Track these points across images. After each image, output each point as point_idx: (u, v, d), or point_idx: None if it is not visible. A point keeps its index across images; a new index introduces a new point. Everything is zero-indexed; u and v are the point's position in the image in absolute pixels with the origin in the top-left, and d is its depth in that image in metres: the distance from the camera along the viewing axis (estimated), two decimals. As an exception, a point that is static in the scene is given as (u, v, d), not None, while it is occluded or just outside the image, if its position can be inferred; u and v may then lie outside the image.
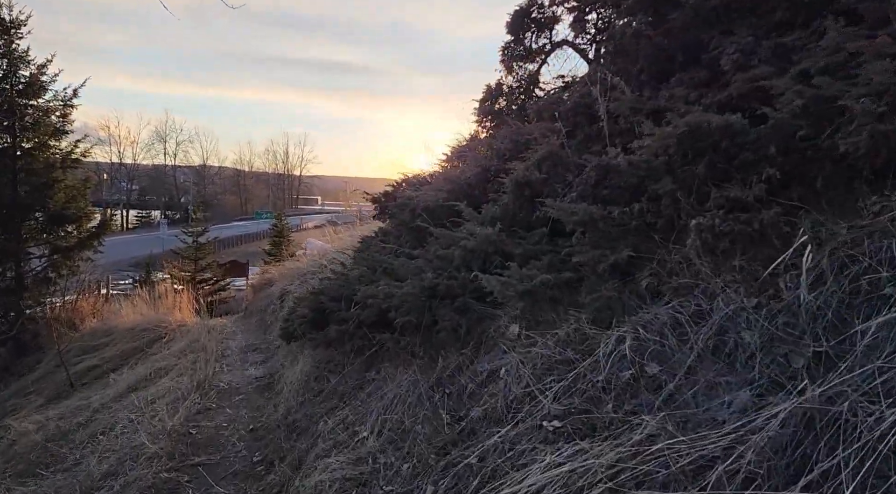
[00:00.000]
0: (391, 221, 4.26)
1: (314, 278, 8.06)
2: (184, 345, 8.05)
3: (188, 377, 6.17)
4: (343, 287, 3.86)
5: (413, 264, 3.43)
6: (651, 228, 2.47)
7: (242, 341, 7.91)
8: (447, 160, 5.68)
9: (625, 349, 2.14)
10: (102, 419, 6.53)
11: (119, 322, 12.08)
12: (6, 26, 13.96)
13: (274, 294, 9.08)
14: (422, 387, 2.90)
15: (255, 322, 8.88)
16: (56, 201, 14.28)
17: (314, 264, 8.86)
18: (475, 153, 4.10)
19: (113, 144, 73.11)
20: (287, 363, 5.58)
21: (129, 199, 73.62)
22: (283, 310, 7.96)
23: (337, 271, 4.79)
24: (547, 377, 2.31)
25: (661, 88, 3.09)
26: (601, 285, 2.46)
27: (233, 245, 53.92)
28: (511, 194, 3.22)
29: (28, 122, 14.25)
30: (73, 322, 14.44)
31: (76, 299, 15.61)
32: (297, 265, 9.49)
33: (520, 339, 2.67)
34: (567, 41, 5.17)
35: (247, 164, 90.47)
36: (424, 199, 3.91)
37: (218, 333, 8.54)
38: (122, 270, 40.92)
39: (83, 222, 15.08)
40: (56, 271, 15.01)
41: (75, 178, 15.53)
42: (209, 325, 9.20)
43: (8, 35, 14.01)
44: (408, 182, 5.20)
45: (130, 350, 10.28)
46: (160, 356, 8.46)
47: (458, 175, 3.91)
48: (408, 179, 5.35)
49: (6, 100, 13.99)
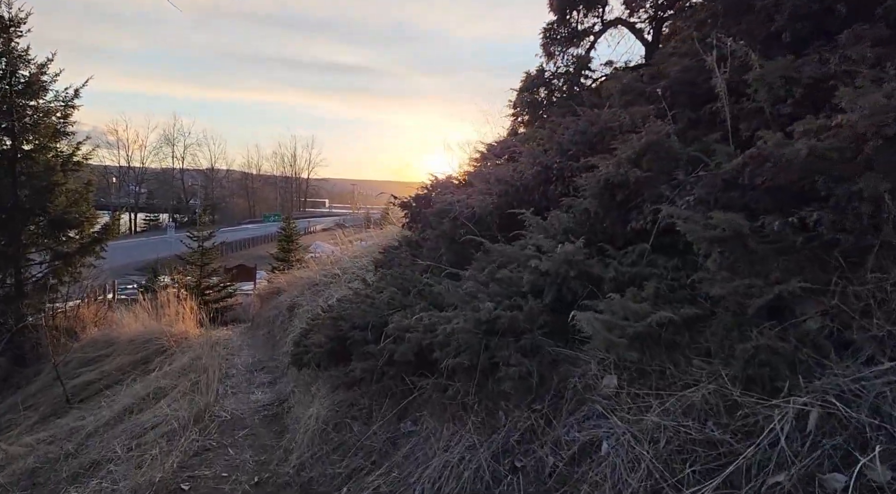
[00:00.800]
0: (430, 231, 3.52)
1: (326, 289, 7.35)
2: (185, 362, 7.36)
3: (187, 403, 5.47)
4: (368, 312, 3.13)
5: (462, 289, 2.69)
6: (828, 247, 1.72)
7: (248, 357, 7.20)
8: (481, 159, 4.94)
9: (818, 435, 1.39)
10: (92, 450, 5.84)
11: (120, 333, 11.45)
12: (5, 24, 13.38)
13: (282, 305, 8.37)
14: (481, 456, 2.16)
15: (263, 336, 8.18)
16: (57, 204, 13.66)
17: (326, 273, 8.14)
18: (528, 149, 3.39)
19: (121, 148, 73.09)
20: (298, 391, 4.86)
21: (137, 202, 73.47)
22: (293, 324, 7.26)
23: (359, 290, 4.06)
24: (682, 465, 1.57)
25: (810, 52, 2.34)
26: (749, 329, 1.72)
27: (241, 248, 53.51)
28: (594, 198, 2.48)
29: (28, 123, 13.66)
30: (74, 331, 13.86)
31: (78, 306, 15.02)
32: (306, 274, 8.78)
33: (620, 396, 1.93)
34: (621, 20, 4.43)
35: (254, 167, 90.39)
36: (469, 204, 3.17)
37: (222, 348, 7.85)
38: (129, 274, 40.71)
39: (85, 227, 14.47)
40: (57, 277, 14.40)
41: (78, 181, 14.94)
42: (213, 339, 8.51)
43: (7, 33, 13.42)
44: (439, 185, 4.44)
45: (130, 364, 9.64)
46: (160, 373, 7.78)
47: (509, 176, 3.16)
48: (439, 182, 4.59)
49: (5, 100, 13.40)
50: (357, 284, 6.03)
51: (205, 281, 15.46)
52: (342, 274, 7.69)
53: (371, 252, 8.22)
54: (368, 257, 7.96)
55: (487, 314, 2.34)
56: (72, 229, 14.18)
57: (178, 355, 8.11)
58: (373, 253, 8.03)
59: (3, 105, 13.43)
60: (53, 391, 10.23)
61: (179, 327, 9.99)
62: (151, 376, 7.64)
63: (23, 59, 13.70)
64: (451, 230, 3.21)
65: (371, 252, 8.22)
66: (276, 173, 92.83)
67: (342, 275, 7.65)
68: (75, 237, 14.38)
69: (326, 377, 3.49)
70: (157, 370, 8.08)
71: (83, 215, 14.39)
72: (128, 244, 57.20)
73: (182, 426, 4.77)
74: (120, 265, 43.14)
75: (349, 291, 5.66)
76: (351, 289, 4.92)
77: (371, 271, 6.90)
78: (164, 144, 78.60)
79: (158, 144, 77.98)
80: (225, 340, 8.49)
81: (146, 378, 7.80)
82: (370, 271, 6.98)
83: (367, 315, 3.10)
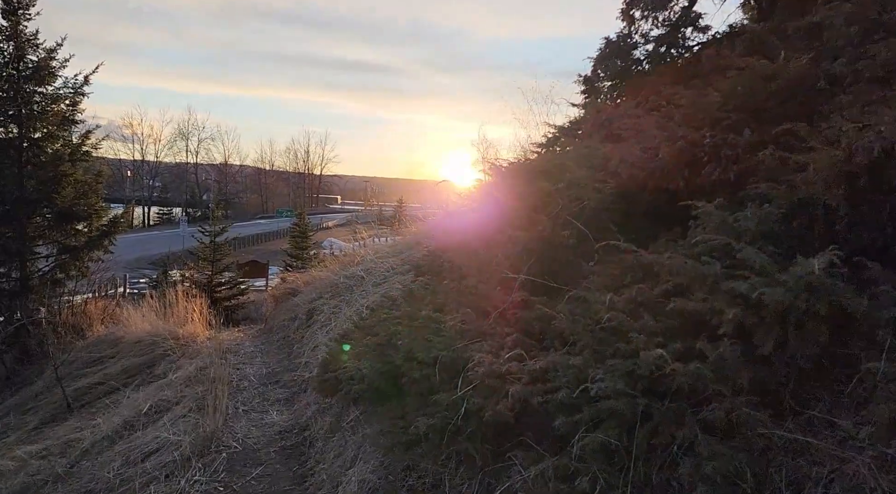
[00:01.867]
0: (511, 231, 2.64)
1: (349, 293, 6.54)
2: (193, 370, 6.60)
3: (191, 426, 4.69)
4: (434, 343, 2.28)
5: (591, 318, 1.83)
6: None
7: (262, 366, 6.43)
8: (546, 145, 4.08)
9: None
10: (84, 474, 5.11)
11: (126, 332, 10.75)
12: (13, 6, 12.74)
13: (299, 309, 7.58)
14: None
15: (277, 343, 7.40)
16: (64, 196, 13.01)
17: (348, 273, 7.34)
18: (653, 121, 2.56)
19: (135, 142, 72.97)
20: (322, 418, 4.06)
21: (150, 196, 73.43)
22: (312, 332, 6.46)
23: (395, 301, 3.23)
24: None
25: None
26: None
27: (253, 243, 53.12)
28: (831, 184, 1.60)
29: (35, 110, 13.01)
30: (81, 328, 13.25)
31: (85, 302, 14.40)
32: (324, 274, 7.98)
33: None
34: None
35: (267, 162, 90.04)
36: (573, 196, 2.31)
37: (233, 355, 7.09)
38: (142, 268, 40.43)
39: (94, 220, 13.81)
40: (64, 271, 13.78)
41: (87, 172, 14.30)
42: (223, 344, 7.76)
43: (14, 16, 12.78)
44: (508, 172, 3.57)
45: (136, 367, 8.93)
46: (165, 381, 7.03)
47: (635, 157, 2.28)
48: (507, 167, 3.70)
49: (12, 86, 12.78)
50: (388, 289, 5.21)
51: (216, 278, 14.74)
52: (366, 276, 6.87)
53: (398, 252, 7.38)
54: (396, 257, 7.13)
55: (652, 365, 1.49)
56: (80, 221, 13.54)
57: (185, 360, 7.35)
58: (400, 253, 7.19)
59: (10, 91, 12.81)
60: (56, 394, 9.59)
61: (188, 328, 9.25)
62: (154, 385, 6.90)
63: (31, 43, 13.05)
64: (549, 231, 2.35)
65: (398, 252, 7.38)
66: (290, 169, 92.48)
67: (366, 277, 6.83)
68: (83, 230, 13.75)
69: (368, 414, 2.67)
70: (163, 376, 7.34)
71: (92, 208, 13.74)
72: (141, 238, 57.22)
73: (184, 459, 3.98)
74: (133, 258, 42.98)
75: (380, 298, 4.84)
76: (386, 297, 4.10)
77: (401, 273, 6.07)
78: (179, 137, 78.43)
79: (173, 137, 77.65)
80: (236, 345, 7.73)
81: (149, 387, 7.06)
82: (399, 274, 6.15)
83: (431, 346, 2.25)
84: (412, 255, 6.17)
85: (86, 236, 13.67)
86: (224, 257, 15.00)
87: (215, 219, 16.22)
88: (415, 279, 3.77)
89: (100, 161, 15.27)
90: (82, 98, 13.58)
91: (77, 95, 13.52)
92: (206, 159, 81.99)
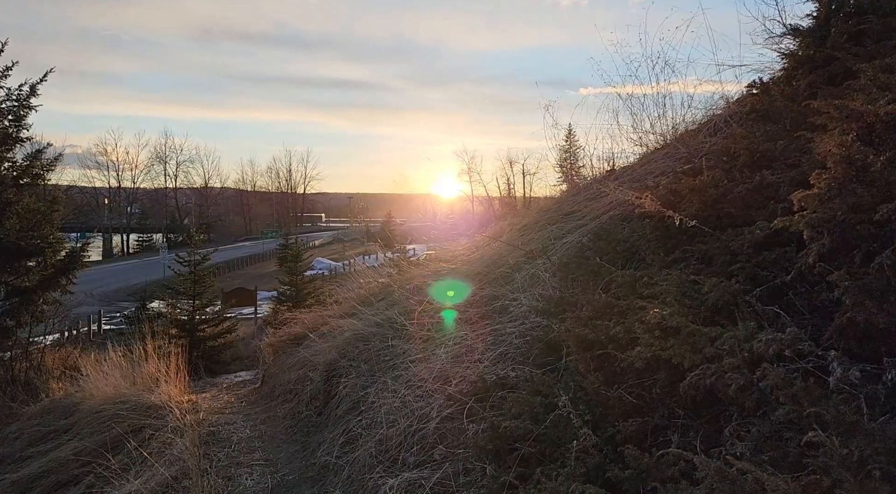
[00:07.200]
0: None
1: (392, 354, 4.41)
2: (161, 480, 4.38)
3: None
4: None
5: None
6: None
7: (266, 472, 4.22)
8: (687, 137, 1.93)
9: None
10: None
11: (86, 396, 8.32)
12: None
13: (310, 367, 5.40)
14: None
15: (284, 419, 5.21)
16: (7, 228, 10.62)
17: (378, 316, 5.20)
18: None
19: (111, 169, 69.38)
20: None
21: (129, 223, 69.81)
22: (339, 412, 4.32)
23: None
24: None
25: None
26: None
27: (238, 267, 50.22)
28: None
29: (-33, 128, 10.68)
30: (35, 385, 10.79)
31: (42, 352, 11.94)
32: (345, 322, 5.80)
33: None
34: None
35: (249, 183, 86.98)
36: None
37: (221, 444, 4.88)
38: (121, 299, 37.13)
39: (48, 255, 11.40)
40: (14, 318, 11.33)
41: (39, 199, 11.92)
42: (207, 421, 5.55)
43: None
44: None
45: (91, 452, 6.61)
46: (127, 489, 4.77)
47: None
48: None
49: (-62, 99, 10.46)
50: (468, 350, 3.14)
51: (198, 314, 12.38)
52: (403, 321, 4.73)
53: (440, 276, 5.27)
54: (430, 282, 5.03)
55: None
56: (30, 257, 11.15)
57: (155, 453, 5.10)
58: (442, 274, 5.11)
59: (-65, 105, 10.50)
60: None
61: (162, 391, 6.97)
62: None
63: (-39, 48, 10.76)
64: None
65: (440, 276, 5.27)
66: (272, 189, 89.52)
67: (404, 324, 4.69)
68: (35, 268, 11.35)
69: None
70: (123, 475, 5.06)
71: (45, 240, 11.34)
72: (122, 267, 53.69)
73: None
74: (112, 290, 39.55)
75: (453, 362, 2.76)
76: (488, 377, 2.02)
77: (470, 320, 4.00)
78: (156, 161, 74.98)
79: (150, 162, 74.06)
80: (224, 423, 5.50)
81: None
82: (468, 322, 4.10)
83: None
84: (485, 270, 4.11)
85: (39, 274, 11.28)
86: (207, 290, 12.64)
87: (197, 243, 13.85)
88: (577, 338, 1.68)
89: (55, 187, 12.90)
90: (28, 112, 11.25)
91: (22, 108, 11.19)
92: (186, 183, 78.71)
